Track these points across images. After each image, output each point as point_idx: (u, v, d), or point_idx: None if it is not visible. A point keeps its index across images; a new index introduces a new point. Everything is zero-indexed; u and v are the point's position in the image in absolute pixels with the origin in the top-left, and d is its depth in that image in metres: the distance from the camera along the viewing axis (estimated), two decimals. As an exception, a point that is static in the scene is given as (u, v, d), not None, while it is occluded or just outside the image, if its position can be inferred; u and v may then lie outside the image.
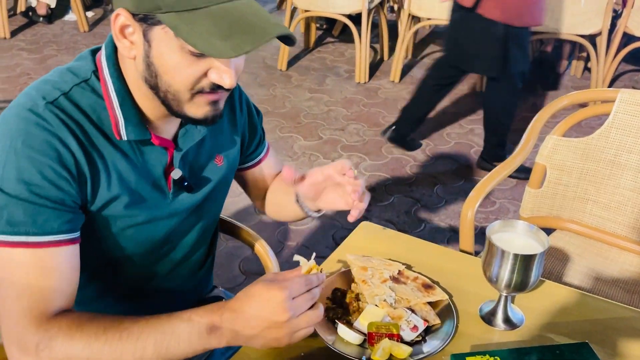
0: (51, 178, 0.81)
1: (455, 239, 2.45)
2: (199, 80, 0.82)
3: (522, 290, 0.94)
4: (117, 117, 0.87)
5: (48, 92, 0.85)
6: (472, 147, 3.23)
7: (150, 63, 0.83)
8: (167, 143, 0.94)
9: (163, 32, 0.79)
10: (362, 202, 0.95)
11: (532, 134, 1.57)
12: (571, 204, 1.60)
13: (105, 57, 0.89)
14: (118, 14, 0.82)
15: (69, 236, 0.84)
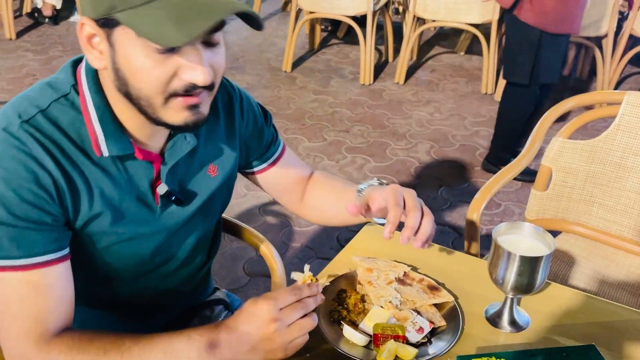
0: (31, 200, 0.79)
1: (460, 241, 2.44)
2: (169, 81, 0.78)
3: (528, 293, 0.94)
4: (96, 133, 0.84)
5: (24, 110, 0.82)
6: (477, 150, 3.23)
7: (117, 69, 0.79)
8: (153, 157, 0.91)
9: (124, 33, 0.76)
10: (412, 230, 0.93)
11: (537, 136, 1.57)
12: (577, 206, 1.60)
13: (84, 70, 0.86)
14: (82, 23, 0.79)
15: (57, 255, 0.83)
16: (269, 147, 1.13)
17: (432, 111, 3.68)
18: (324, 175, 1.20)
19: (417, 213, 0.94)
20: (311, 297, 0.84)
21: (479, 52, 4.31)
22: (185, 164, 0.96)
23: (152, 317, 1.08)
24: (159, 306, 1.08)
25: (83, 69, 0.87)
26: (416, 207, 0.95)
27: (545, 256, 0.90)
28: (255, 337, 0.80)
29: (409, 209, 0.95)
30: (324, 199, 1.16)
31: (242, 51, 4.59)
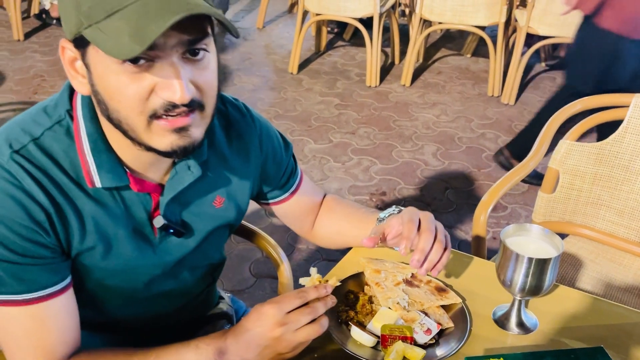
0: (27, 235, 0.77)
1: (466, 243, 2.44)
2: (145, 99, 0.72)
3: (536, 295, 0.94)
4: (88, 163, 0.80)
5: (15, 138, 0.79)
6: (483, 152, 3.23)
7: (96, 91, 0.75)
8: (151, 188, 0.86)
9: (95, 52, 0.72)
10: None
11: (545, 139, 1.57)
12: (584, 209, 1.60)
13: (80, 95, 0.82)
14: (63, 46, 0.76)
15: (59, 286, 0.82)
16: (287, 179, 1.09)
17: (439, 113, 3.68)
18: (336, 201, 1.18)
19: (429, 235, 0.93)
20: (320, 300, 0.82)
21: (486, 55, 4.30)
22: (189, 194, 0.91)
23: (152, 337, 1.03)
24: (158, 327, 1.06)
25: (79, 95, 0.82)
26: (429, 229, 0.94)
27: (554, 258, 0.90)
28: (261, 342, 0.79)
29: (422, 231, 0.94)
30: (337, 226, 1.15)
31: (248, 53, 4.60)
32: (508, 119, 3.63)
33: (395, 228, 0.97)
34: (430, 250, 0.93)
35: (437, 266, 0.94)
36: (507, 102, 3.81)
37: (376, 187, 2.86)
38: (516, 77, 3.74)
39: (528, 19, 3.52)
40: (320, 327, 0.80)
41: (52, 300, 0.81)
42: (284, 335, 0.78)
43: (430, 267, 0.93)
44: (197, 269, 1.02)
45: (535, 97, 3.94)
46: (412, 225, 0.93)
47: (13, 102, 3.68)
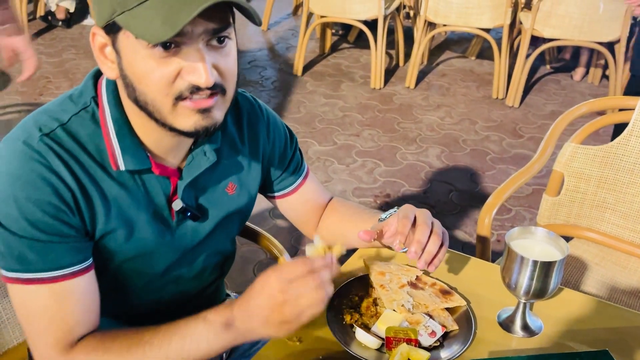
0: (52, 212, 0.80)
1: (470, 246, 2.44)
2: (172, 82, 0.77)
3: (541, 297, 0.94)
4: (113, 147, 0.84)
5: (44, 123, 0.83)
6: (487, 154, 3.22)
7: (124, 75, 0.79)
8: (170, 172, 0.90)
9: (125, 37, 0.77)
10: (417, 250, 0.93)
11: (549, 142, 1.57)
12: (589, 212, 1.59)
13: (105, 83, 0.86)
14: (94, 33, 0.80)
15: (82, 265, 0.84)
16: (293, 171, 1.12)
17: (443, 115, 3.68)
18: (341, 202, 1.19)
19: (425, 228, 0.93)
20: (325, 268, 0.80)
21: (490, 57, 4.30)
22: (204, 180, 0.95)
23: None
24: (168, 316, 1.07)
25: (104, 80, 0.87)
26: (425, 223, 0.94)
27: (559, 261, 0.90)
28: (266, 310, 0.78)
29: (417, 224, 0.94)
30: (341, 226, 1.15)
31: (252, 55, 4.61)
32: (512, 121, 3.62)
33: (393, 226, 0.98)
34: (428, 242, 0.93)
35: (434, 261, 0.93)
36: (512, 105, 3.80)
37: (380, 189, 2.86)
38: (521, 80, 3.73)
39: (533, 21, 3.52)
40: (325, 294, 0.78)
41: (74, 279, 0.83)
42: (288, 302, 0.76)
43: (428, 258, 0.93)
44: (210, 257, 1.04)
45: (540, 100, 3.93)
46: (406, 221, 0.94)
47: (19, 103, 3.70)
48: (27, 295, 0.82)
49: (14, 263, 0.80)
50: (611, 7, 3.40)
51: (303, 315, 0.78)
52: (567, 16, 3.45)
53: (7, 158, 0.81)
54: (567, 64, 4.49)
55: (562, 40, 3.59)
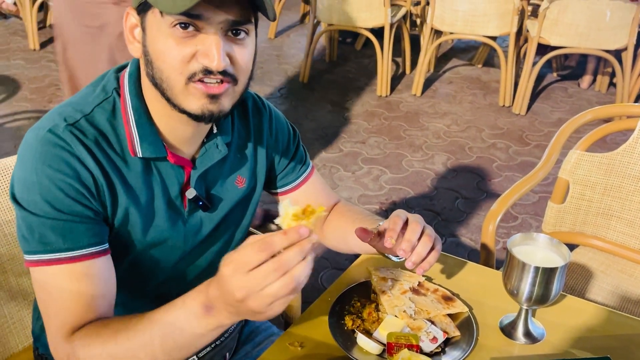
0: (72, 195, 0.83)
1: (476, 253, 2.43)
2: (187, 62, 0.81)
3: (543, 304, 0.94)
4: (132, 134, 0.88)
5: (69, 114, 0.87)
6: (494, 162, 3.22)
7: (146, 52, 0.84)
8: (184, 162, 0.94)
9: (152, 16, 0.82)
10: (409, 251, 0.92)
11: (555, 149, 1.57)
12: (594, 219, 1.59)
13: (128, 74, 0.91)
14: (127, 13, 0.86)
15: (98, 248, 0.86)
16: (296, 167, 1.13)
17: (449, 123, 3.68)
18: (346, 206, 1.20)
19: (416, 227, 0.93)
20: (292, 247, 0.68)
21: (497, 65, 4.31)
22: (215, 172, 0.98)
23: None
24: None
25: (127, 73, 0.92)
26: (416, 222, 0.94)
27: (560, 267, 0.90)
28: (233, 302, 0.71)
29: (409, 223, 0.94)
30: (343, 231, 1.15)
31: (259, 62, 4.64)
32: (519, 129, 3.62)
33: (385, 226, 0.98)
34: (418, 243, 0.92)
35: (423, 264, 0.93)
36: (519, 112, 3.80)
37: (386, 197, 2.86)
38: (527, 87, 3.73)
39: (539, 29, 3.52)
40: (293, 281, 0.68)
41: (92, 259, 0.85)
42: (250, 296, 0.68)
43: (417, 260, 0.92)
44: (221, 249, 1.05)
45: (546, 108, 3.93)
46: (397, 219, 0.95)
47: (28, 110, 3.74)
48: (47, 277, 0.84)
49: (35, 245, 0.83)
50: (618, 15, 3.40)
51: (274, 306, 0.69)
52: (573, 24, 3.45)
53: (33, 144, 0.84)
54: (574, 71, 4.49)
55: (568, 48, 3.59)
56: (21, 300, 1.13)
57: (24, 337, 1.15)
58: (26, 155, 0.84)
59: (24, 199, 0.83)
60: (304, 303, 1.26)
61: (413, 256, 0.92)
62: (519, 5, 3.61)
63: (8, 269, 1.10)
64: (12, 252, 1.09)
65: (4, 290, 1.10)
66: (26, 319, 1.14)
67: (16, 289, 1.12)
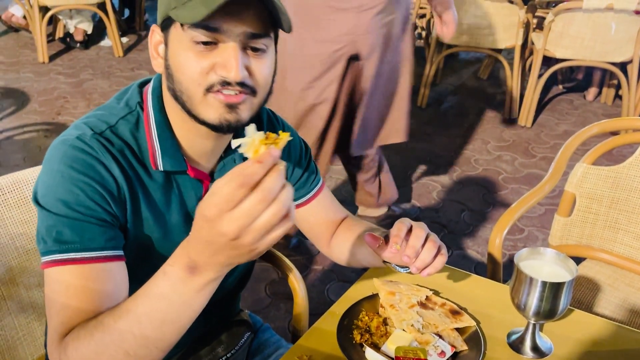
0: (94, 197, 0.85)
1: (482, 266, 2.43)
2: (206, 74, 0.83)
3: (550, 318, 0.94)
4: (154, 148, 0.91)
5: (95, 125, 0.90)
6: (500, 174, 3.22)
7: (167, 66, 0.87)
8: (203, 176, 0.96)
9: (175, 30, 0.84)
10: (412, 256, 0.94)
11: (561, 162, 1.57)
12: (601, 233, 1.59)
13: (151, 89, 0.94)
14: (152, 30, 0.89)
15: (114, 252, 0.86)
16: (307, 182, 1.14)
17: (455, 135, 3.69)
18: (354, 221, 1.21)
19: (420, 233, 0.95)
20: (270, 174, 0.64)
21: (502, 77, 4.32)
22: None
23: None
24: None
25: (150, 88, 0.95)
26: (421, 229, 0.96)
27: (568, 282, 0.90)
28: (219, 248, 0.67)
29: (413, 230, 0.96)
30: (351, 245, 1.16)
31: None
32: (525, 141, 3.62)
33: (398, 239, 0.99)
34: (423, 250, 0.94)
35: (428, 269, 0.95)
36: (524, 125, 3.81)
37: (392, 209, 2.86)
38: (533, 100, 3.74)
39: (545, 41, 3.54)
40: (283, 207, 0.64)
41: (104, 264, 0.85)
42: (242, 233, 0.64)
43: (421, 265, 0.94)
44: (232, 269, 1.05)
45: (552, 120, 3.93)
46: (402, 225, 0.97)
47: (37, 122, 3.77)
48: (58, 276, 0.84)
49: (52, 244, 0.84)
50: (623, 28, 3.41)
51: (268, 238, 0.66)
52: (578, 37, 3.46)
53: (60, 149, 0.87)
54: (579, 83, 4.49)
55: (574, 60, 3.60)
56: (31, 313, 1.14)
57: (34, 348, 1.15)
58: (52, 160, 0.87)
59: (45, 199, 0.85)
60: (311, 316, 1.26)
61: (417, 262, 0.94)
62: (524, 18, 3.62)
63: (19, 281, 1.11)
64: (23, 265, 1.11)
65: (15, 302, 1.11)
66: (36, 331, 1.15)
67: (27, 301, 1.13)
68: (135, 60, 5.01)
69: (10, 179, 1.10)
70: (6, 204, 1.08)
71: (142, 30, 5.85)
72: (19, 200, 1.10)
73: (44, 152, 0.93)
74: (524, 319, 0.97)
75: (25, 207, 1.11)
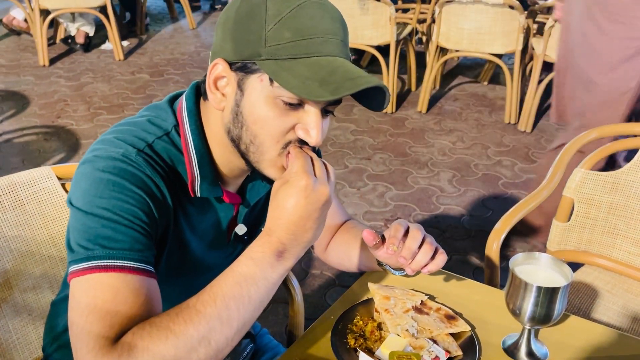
0: (140, 206, 0.81)
1: (481, 271, 2.42)
2: (285, 133, 0.82)
3: (545, 324, 0.93)
4: (194, 174, 0.89)
5: (134, 142, 0.86)
6: (499, 179, 3.22)
7: (238, 112, 0.83)
8: (235, 199, 0.96)
9: (258, 81, 0.80)
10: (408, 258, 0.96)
11: (559, 167, 1.57)
12: (600, 238, 1.58)
13: (186, 111, 0.90)
14: (216, 63, 0.83)
15: (145, 266, 0.81)
16: None
17: (455, 140, 3.69)
18: (353, 225, 1.21)
19: (417, 234, 0.96)
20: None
21: (502, 82, 4.32)
22: (257, 207, 1.01)
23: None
24: None
25: (184, 110, 0.90)
26: (417, 230, 0.97)
27: (563, 287, 0.90)
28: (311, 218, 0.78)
29: (409, 232, 0.97)
30: (346, 247, 1.16)
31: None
32: (525, 146, 3.62)
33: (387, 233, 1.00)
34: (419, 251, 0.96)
35: (428, 266, 0.96)
36: (524, 130, 3.81)
37: (391, 213, 2.86)
38: (533, 105, 3.74)
39: (545, 47, 3.54)
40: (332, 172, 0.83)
41: (150, 278, 0.80)
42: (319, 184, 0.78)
43: (416, 267, 0.96)
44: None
45: (552, 125, 3.92)
46: (398, 227, 0.97)
47: (37, 125, 3.78)
48: (100, 283, 0.77)
49: (98, 250, 0.78)
50: (623, 33, 3.40)
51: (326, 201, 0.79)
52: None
53: (109, 163, 0.82)
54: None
55: (574, 65, 3.59)
56: (26, 316, 1.14)
57: (28, 352, 1.15)
58: (97, 170, 0.81)
59: (92, 203, 0.80)
60: (307, 320, 1.26)
61: (413, 264, 0.96)
62: (525, 23, 3.63)
63: (14, 284, 1.11)
64: (18, 268, 1.11)
65: (9, 305, 1.11)
66: (31, 334, 1.15)
67: (21, 305, 1.13)
68: (136, 64, 5.02)
69: (6, 181, 1.10)
70: (1, 206, 1.08)
71: (142, 34, 5.86)
72: (14, 202, 1.10)
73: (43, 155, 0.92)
74: (520, 325, 0.97)
75: (21, 210, 1.11)
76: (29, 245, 1.12)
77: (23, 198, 1.11)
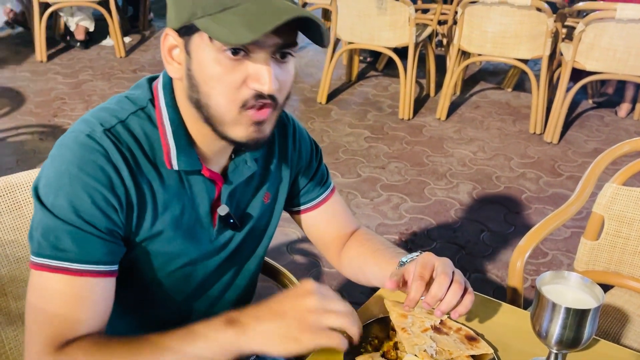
0: (101, 206, 0.87)
1: (502, 291, 2.41)
2: (238, 88, 0.84)
3: (573, 348, 0.93)
4: (169, 146, 0.92)
5: (105, 119, 0.91)
6: (523, 193, 3.21)
7: (191, 76, 0.87)
8: (217, 176, 0.98)
9: (199, 39, 0.84)
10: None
11: (589, 182, 1.57)
12: (632, 259, 1.58)
13: (161, 86, 0.95)
14: (166, 34, 0.89)
15: (107, 268, 0.89)
16: (318, 184, 1.17)
17: (476, 150, 3.69)
18: (367, 234, 1.22)
19: (444, 279, 0.93)
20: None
21: (528, 89, 4.32)
22: (243, 188, 1.03)
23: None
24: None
25: (160, 84, 0.96)
26: (445, 273, 0.94)
27: (593, 309, 0.90)
28: (286, 307, 0.82)
29: (436, 275, 0.95)
30: (361, 261, 1.17)
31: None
32: (551, 158, 3.61)
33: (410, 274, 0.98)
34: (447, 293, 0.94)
35: (458, 308, 0.94)
36: (550, 141, 3.80)
37: (406, 227, 2.86)
38: (560, 114, 3.73)
39: (574, 53, 3.54)
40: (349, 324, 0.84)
41: (96, 279, 0.87)
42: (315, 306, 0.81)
43: (446, 309, 0.94)
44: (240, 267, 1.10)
45: (581, 137, 3.92)
46: (420, 283, 0.94)
47: (32, 124, 3.82)
48: (46, 283, 0.86)
49: (47, 248, 0.86)
50: (659, 40, 3.40)
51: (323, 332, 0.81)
52: (611, 49, 3.46)
53: (70, 146, 0.88)
54: (610, 98, 4.48)
55: (605, 73, 3.59)
56: (20, 325, 1.15)
57: (21, 363, 1.16)
58: (61, 156, 0.88)
59: (50, 199, 0.86)
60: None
61: (442, 305, 0.93)
62: (553, 27, 3.63)
63: (8, 291, 1.12)
64: (13, 274, 1.12)
65: (3, 313, 1.12)
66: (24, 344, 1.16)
67: (15, 313, 1.14)
68: (138, 62, 5.07)
69: (1, 182, 1.11)
70: (-2, 208, 1.10)
71: (146, 30, 5.92)
72: (10, 205, 1.11)
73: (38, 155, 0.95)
74: (545, 349, 0.97)
75: (17, 213, 1.12)
76: (24, 250, 1.13)
77: (19, 201, 1.13)
